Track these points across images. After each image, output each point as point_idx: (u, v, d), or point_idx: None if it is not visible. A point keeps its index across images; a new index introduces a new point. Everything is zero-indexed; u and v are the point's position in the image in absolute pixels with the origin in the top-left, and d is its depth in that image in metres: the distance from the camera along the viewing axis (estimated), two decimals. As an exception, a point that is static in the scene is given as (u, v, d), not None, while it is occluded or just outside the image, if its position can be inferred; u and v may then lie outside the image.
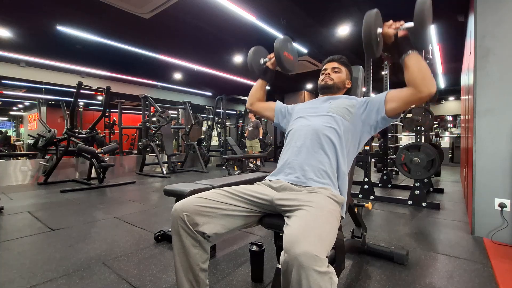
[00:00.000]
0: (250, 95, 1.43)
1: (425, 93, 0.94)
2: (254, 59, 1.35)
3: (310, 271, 0.63)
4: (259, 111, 1.43)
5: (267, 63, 1.36)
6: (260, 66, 1.37)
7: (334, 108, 1.15)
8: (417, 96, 0.97)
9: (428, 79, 0.94)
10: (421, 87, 0.95)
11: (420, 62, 0.96)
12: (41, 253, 1.65)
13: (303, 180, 1.03)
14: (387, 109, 1.04)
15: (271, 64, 1.35)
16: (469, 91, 2.32)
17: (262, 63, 1.37)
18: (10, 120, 12.27)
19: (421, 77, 0.94)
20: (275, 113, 1.37)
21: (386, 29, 1.01)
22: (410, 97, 0.99)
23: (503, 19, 1.80)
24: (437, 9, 3.85)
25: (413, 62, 0.96)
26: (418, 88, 0.95)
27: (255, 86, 1.42)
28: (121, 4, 3.50)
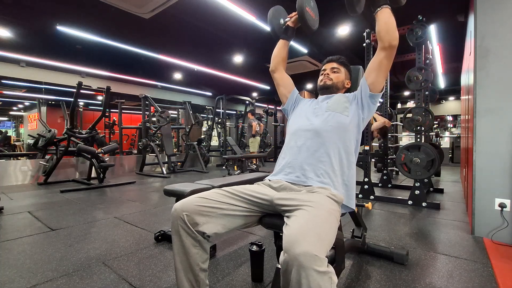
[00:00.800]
0: (274, 56, 1.37)
1: (386, 43, 1.02)
2: (274, 19, 1.32)
3: (310, 271, 0.63)
4: (279, 82, 1.37)
5: (288, 22, 1.33)
6: (281, 25, 1.34)
7: (332, 105, 1.15)
8: (382, 49, 1.04)
9: (391, 31, 1.02)
10: (384, 39, 1.02)
11: (388, 16, 1.03)
12: (41, 253, 1.65)
13: (303, 180, 1.03)
14: (370, 84, 1.09)
15: (292, 23, 1.32)
16: (469, 91, 2.32)
17: (282, 23, 1.34)
18: (10, 120, 12.27)
19: (386, 29, 1.02)
20: (289, 98, 1.35)
21: None
22: (378, 56, 1.06)
23: (503, 19, 1.80)
24: (437, 9, 3.86)
25: (382, 16, 1.03)
26: (382, 40, 1.03)
27: (277, 46, 1.38)
28: (121, 4, 3.50)
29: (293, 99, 1.34)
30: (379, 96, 1.11)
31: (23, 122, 11.62)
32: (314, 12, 1.32)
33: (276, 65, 1.37)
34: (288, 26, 1.34)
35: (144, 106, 5.91)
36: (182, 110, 8.30)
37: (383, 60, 1.05)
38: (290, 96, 1.35)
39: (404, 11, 1.05)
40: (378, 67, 1.07)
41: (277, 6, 1.35)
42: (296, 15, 1.27)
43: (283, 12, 1.38)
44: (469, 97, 2.39)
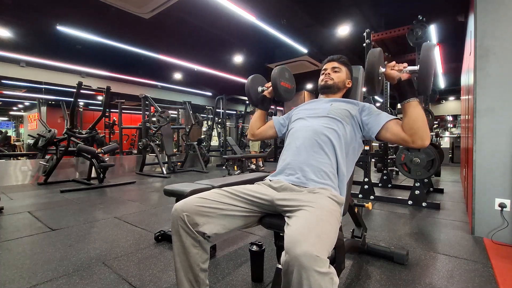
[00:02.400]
0: (251, 127, 1.46)
1: (418, 145, 0.98)
2: (252, 87, 1.39)
3: (311, 272, 0.63)
4: (262, 136, 1.45)
5: (265, 92, 1.38)
6: (258, 94, 1.40)
7: (335, 110, 1.14)
8: (410, 144, 0.99)
9: (422, 131, 0.96)
10: (415, 138, 0.97)
11: (418, 112, 0.97)
12: (41, 253, 1.65)
13: (303, 181, 1.02)
14: (379, 134, 1.07)
15: (268, 93, 1.38)
16: (469, 91, 2.32)
17: (260, 91, 1.40)
18: (10, 120, 12.27)
19: (416, 128, 0.96)
20: (276, 129, 1.38)
21: (389, 70, 1.03)
22: (403, 142, 1.01)
23: (503, 19, 1.80)
24: (437, 9, 3.87)
25: (411, 110, 0.98)
26: (412, 137, 0.97)
27: (254, 117, 1.45)
28: (121, 4, 3.50)
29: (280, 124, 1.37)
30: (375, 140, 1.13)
31: (23, 122, 11.63)
32: (290, 82, 1.39)
33: (253, 134, 1.46)
34: (264, 97, 1.39)
35: (144, 106, 5.91)
36: (182, 110, 8.30)
37: (405, 144, 1.03)
38: (276, 127, 1.38)
39: (404, 11, 1.05)
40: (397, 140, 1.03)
41: (256, 75, 1.43)
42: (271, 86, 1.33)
43: (261, 80, 1.45)
44: (469, 97, 2.39)
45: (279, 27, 4.32)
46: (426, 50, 0.92)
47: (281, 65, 1.36)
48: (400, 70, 1.01)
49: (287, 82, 1.36)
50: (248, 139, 1.42)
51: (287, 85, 1.37)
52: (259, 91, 1.40)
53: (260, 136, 1.45)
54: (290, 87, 1.39)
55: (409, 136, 0.98)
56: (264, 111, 1.43)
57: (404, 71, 1.01)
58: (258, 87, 1.41)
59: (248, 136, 1.46)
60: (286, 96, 1.36)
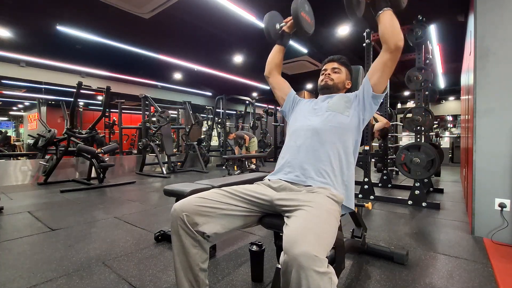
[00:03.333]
0: (268, 62, 1.38)
1: (392, 45, 1.01)
2: (270, 24, 1.32)
3: (309, 272, 0.63)
4: (274, 86, 1.38)
5: (284, 27, 1.33)
6: (277, 31, 1.34)
7: (333, 105, 1.15)
8: (387, 51, 1.03)
9: (396, 33, 1.01)
10: (390, 41, 1.01)
11: (391, 18, 1.02)
12: (41, 253, 1.65)
13: (302, 179, 1.03)
14: (373, 84, 1.08)
15: (287, 28, 1.32)
16: (469, 91, 2.32)
17: (278, 28, 1.34)
18: (10, 120, 12.27)
19: (391, 31, 1.01)
20: (286, 100, 1.34)
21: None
22: (383, 57, 1.05)
23: (503, 19, 1.80)
24: (437, 9, 3.86)
25: (385, 18, 1.03)
26: (387, 42, 1.02)
27: (272, 51, 1.39)
28: (121, 4, 3.49)
29: (291, 101, 1.34)
30: (382, 96, 1.11)
31: (23, 122, 11.62)
32: (310, 16, 1.32)
33: (270, 70, 1.38)
34: (283, 31, 1.34)
35: (144, 106, 5.91)
36: (182, 110, 8.30)
37: (388, 62, 1.05)
38: (286, 98, 1.35)
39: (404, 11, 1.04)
40: (382, 68, 1.06)
41: (272, 11, 1.36)
42: (292, 20, 1.27)
43: (279, 17, 1.38)
44: (469, 97, 2.39)
45: (279, 27, 4.32)
46: None
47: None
48: None
49: (307, 15, 1.29)
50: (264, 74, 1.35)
51: (307, 18, 1.30)
52: (277, 28, 1.34)
53: (273, 81, 1.37)
54: (310, 21, 1.32)
55: (385, 42, 1.02)
56: (283, 46, 1.37)
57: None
58: (276, 23, 1.34)
59: (265, 73, 1.38)
60: (307, 28, 1.29)
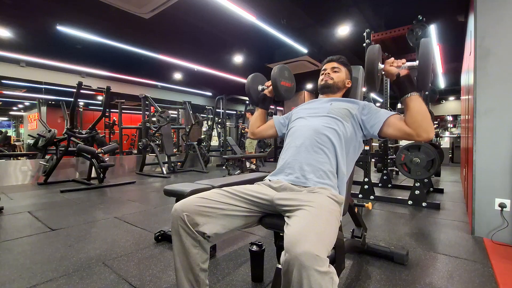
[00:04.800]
0: (251, 125, 1.47)
1: (423, 138, 0.97)
2: (252, 86, 1.39)
3: (311, 271, 0.63)
4: (262, 135, 1.46)
5: (265, 91, 1.39)
6: (258, 93, 1.41)
7: (335, 109, 1.14)
8: (415, 138, 0.99)
9: (426, 124, 0.95)
10: (419, 131, 0.96)
11: (420, 106, 0.97)
12: (41, 253, 1.65)
13: (303, 180, 1.02)
14: (382, 131, 1.06)
15: (269, 92, 1.38)
16: (469, 91, 2.32)
17: (260, 90, 1.41)
18: (10, 120, 12.26)
19: (420, 121, 0.96)
20: (276, 128, 1.39)
21: (388, 66, 1.03)
22: (408, 136, 1.00)
23: (503, 19, 1.80)
24: (437, 9, 3.87)
25: (413, 105, 0.97)
26: (416, 131, 0.97)
27: (254, 115, 1.46)
28: (121, 4, 3.50)
29: (280, 124, 1.38)
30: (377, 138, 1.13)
31: (23, 122, 11.62)
32: (290, 80, 1.39)
33: (253, 132, 1.47)
34: (265, 96, 1.39)
35: (144, 106, 5.91)
36: (182, 110, 8.30)
37: (409, 138, 1.02)
38: (276, 127, 1.39)
39: (404, 11, 1.05)
40: (400, 135, 1.02)
41: (256, 73, 1.43)
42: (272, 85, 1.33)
43: (262, 79, 1.45)
44: (469, 97, 2.39)
45: (279, 27, 4.32)
46: (425, 45, 0.94)
47: (281, 64, 1.36)
48: (399, 66, 1.02)
49: (287, 81, 1.36)
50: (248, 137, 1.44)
51: (287, 84, 1.37)
52: (259, 90, 1.40)
53: (260, 135, 1.45)
54: (290, 86, 1.39)
55: (413, 129, 0.97)
56: (265, 110, 1.44)
57: (403, 67, 1.01)
58: (258, 86, 1.41)
59: (248, 135, 1.48)
60: (287, 95, 1.37)
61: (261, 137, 1.49)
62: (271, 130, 1.41)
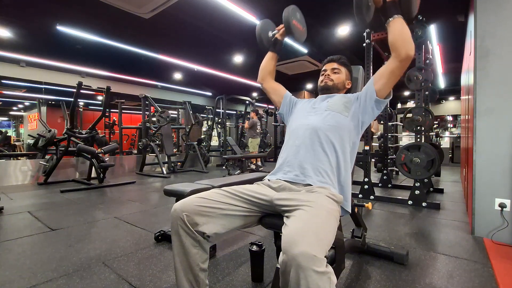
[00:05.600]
0: (261, 69, 1.40)
1: (403, 55, 0.98)
2: (262, 32, 1.35)
3: (308, 271, 0.63)
4: (268, 90, 1.40)
5: (276, 35, 1.35)
6: (269, 38, 1.37)
7: (332, 105, 1.15)
8: (397, 59, 1.00)
9: (407, 42, 0.98)
10: (400, 49, 0.98)
11: (402, 26, 0.99)
12: (41, 253, 1.65)
13: (302, 178, 1.03)
14: (377, 90, 1.07)
15: (280, 35, 1.35)
16: (469, 91, 2.32)
17: (271, 36, 1.36)
18: (10, 120, 12.27)
19: (401, 40, 0.98)
20: (282, 102, 1.36)
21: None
22: (392, 65, 1.03)
23: (503, 19, 1.80)
24: (437, 9, 3.87)
25: (396, 26, 1.00)
26: (398, 50, 0.99)
27: (265, 58, 1.41)
28: (121, 4, 3.49)
29: (287, 102, 1.35)
30: (386, 102, 1.10)
31: (23, 122, 11.62)
32: (301, 24, 1.35)
33: (263, 76, 1.40)
34: (276, 39, 1.36)
35: (144, 106, 5.91)
36: (182, 110, 8.30)
37: (396, 70, 1.03)
38: (283, 100, 1.36)
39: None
40: (389, 75, 1.04)
41: (265, 20, 1.39)
42: (283, 27, 1.30)
43: (271, 25, 1.41)
44: (469, 97, 2.39)
45: (279, 27, 4.32)
46: None
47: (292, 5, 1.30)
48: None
49: (299, 23, 1.32)
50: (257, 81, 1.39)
51: (299, 26, 1.32)
52: (270, 36, 1.36)
53: (267, 86, 1.39)
54: (302, 29, 1.35)
55: (395, 51, 1.00)
56: (276, 53, 1.39)
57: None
58: (269, 31, 1.37)
59: (258, 80, 1.40)
60: (299, 37, 1.32)
61: (266, 89, 1.40)
62: (277, 97, 1.37)
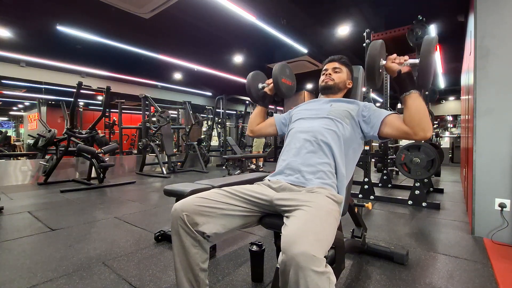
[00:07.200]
0: (250, 123, 1.46)
1: (420, 136, 0.96)
2: (252, 84, 1.38)
3: (307, 271, 0.63)
4: (261, 133, 1.45)
5: (265, 89, 1.38)
6: (259, 91, 1.40)
7: (335, 111, 1.14)
8: (411, 137, 0.97)
9: (424, 123, 0.94)
10: (417, 130, 0.95)
11: (419, 104, 0.96)
12: (41, 253, 1.65)
13: (302, 181, 1.02)
14: (381, 131, 1.05)
15: (269, 90, 1.37)
16: (469, 91, 2.32)
17: (260, 88, 1.40)
18: (10, 120, 12.27)
19: (418, 120, 0.95)
20: (277, 127, 1.39)
21: (390, 63, 1.02)
22: (405, 134, 0.99)
23: (503, 19, 1.80)
24: (437, 9, 3.86)
25: (412, 102, 0.97)
26: (414, 129, 0.96)
27: (254, 112, 1.45)
28: (121, 4, 3.50)
29: (280, 123, 1.38)
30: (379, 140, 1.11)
31: (23, 122, 11.62)
32: (290, 79, 1.39)
33: (252, 130, 1.46)
34: (265, 94, 1.38)
35: (144, 106, 5.91)
36: (182, 110, 8.30)
37: (407, 138, 1.01)
38: (276, 125, 1.39)
39: (404, 11, 1.04)
40: (399, 134, 1.02)
41: (256, 71, 1.42)
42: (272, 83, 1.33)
43: (262, 77, 1.44)
44: (469, 97, 2.39)
45: (279, 27, 4.32)
46: (427, 43, 0.92)
47: (282, 62, 1.35)
48: (401, 63, 1.01)
49: (288, 79, 1.36)
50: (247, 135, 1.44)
51: (288, 82, 1.36)
52: (259, 88, 1.40)
53: (259, 132, 1.45)
54: (291, 84, 1.39)
55: (411, 128, 0.96)
56: (265, 108, 1.43)
57: (405, 64, 1.00)
58: (259, 83, 1.40)
59: (247, 132, 1.47)
60: (287, 93, 1.36)
61: (260, 135, 1.48)
62: (271, 128, 1.40)
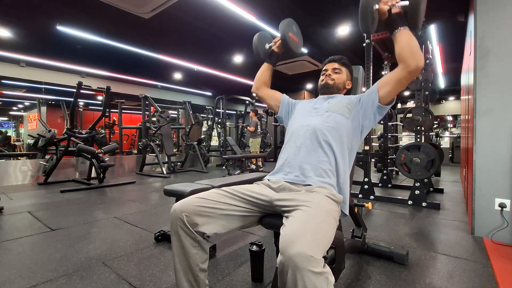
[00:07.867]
0: (256, 79, 1.41)
1: (413, 66, 0.96)
2: (259, 44, 1.37)
3: (305, 272, 0.63)
4: (264, 97, 1.41)
5: (273, 47, 1.36)
6: (266, 50, 1.38)
7: (333, 106, 1.15)
8: (406, 70, 0.99)
9: (416, 53, 0.96)
10: (409, 61, 0.97)
11: (410, 38, 0.98)
12: (41, 253, 1.65)
13: (302, 179, 1.03)
14: (381, 96, 1.06)
15: (276, 48, 1.36)
16: (469, 91, 2.32)
17: (267, 48, 1.38)
18: (10, 120, 12.26)
19: (410, 51, 0.97)
20: (280, 106, 1.36)
21: (382, 5, 1.04)
22: (400, 74, 1.01)
23: (503, 19, 1.80)
24: (437, 9, 3.87)
25: (403, 38, 0.99)
26: (407, 62, 0.97)
27: (261, 69, 1.41)
28: (121, 4, 3.49)
29: (285, 104, 1.36)
30: (388, 108, 1.09)
31: (23, 122, 11.62)
32: (297, 36, 1.38)
33: (258, 86, 1.41)
34: (272, 51, 1.38)
35: (144, 106, 5.91)
36: (182, 110, 8.30)
37: (403, 80, 1.01)
38: (280, 104, 1.37)
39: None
40: (395, 83, 1.03)
41: (262, 32, 1.41)
42: (280, 40, 1.32)
43: (268, 37, 1.43)
44: (469, 97, 2.39)
45: (279, 27, 4.32)
46: None
47: (288, 18, 1.32)
48: (393, 5, 1.03)
49: (295, 36, 1.34)
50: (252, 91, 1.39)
51: (295, 38, 1.34)
52: (266, 48, 1.38)
53: (262, 94, 1.40)
54: (297, 41, 1.37)
55: (403, 62, 0.98)
56: (272, 65, 1.40)
57: (397, 6, 1.02)
58: (265, 43, 1.39)
59: (252, 89, 1.41)
60: (295, 49, 1.34)
61: (262, 97, 1.41)
62: (274, 102, 1.38)
